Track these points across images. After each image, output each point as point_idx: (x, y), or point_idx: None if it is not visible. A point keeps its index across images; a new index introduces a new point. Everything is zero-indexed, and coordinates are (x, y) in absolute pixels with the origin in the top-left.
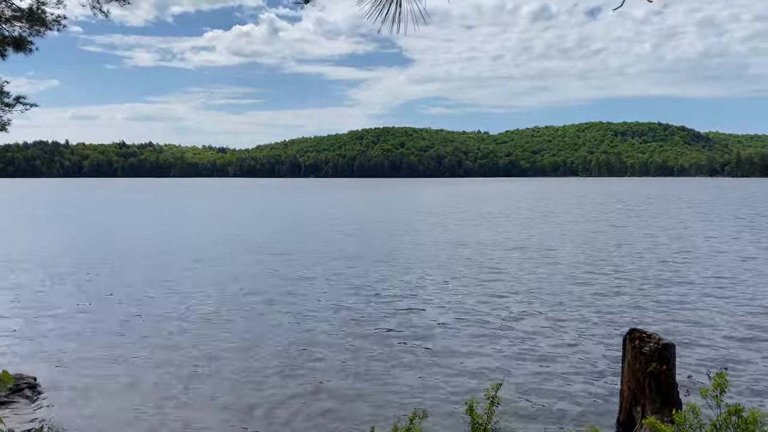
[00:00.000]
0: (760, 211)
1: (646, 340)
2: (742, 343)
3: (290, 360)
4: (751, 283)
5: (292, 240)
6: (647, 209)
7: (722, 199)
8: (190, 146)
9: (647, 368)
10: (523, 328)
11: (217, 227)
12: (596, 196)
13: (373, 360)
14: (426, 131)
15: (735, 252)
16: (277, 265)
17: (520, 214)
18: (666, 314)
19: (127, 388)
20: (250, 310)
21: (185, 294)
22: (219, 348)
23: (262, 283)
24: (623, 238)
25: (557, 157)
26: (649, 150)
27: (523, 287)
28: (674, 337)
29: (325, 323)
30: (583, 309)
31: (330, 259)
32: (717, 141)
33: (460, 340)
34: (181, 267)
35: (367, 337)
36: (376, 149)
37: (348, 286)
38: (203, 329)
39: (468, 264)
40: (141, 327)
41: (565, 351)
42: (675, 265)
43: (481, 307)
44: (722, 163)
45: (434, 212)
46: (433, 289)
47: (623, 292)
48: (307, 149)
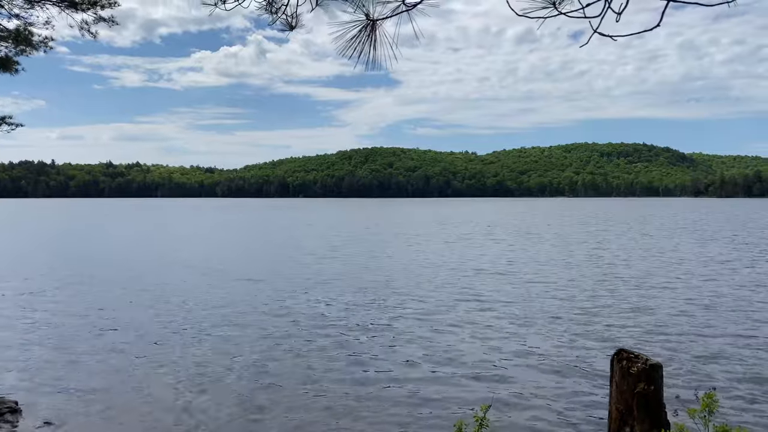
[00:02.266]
0: (748, 232)
1: (633, 361)
2: (729, 362)
3: (271, 387)
4: (739, 302)
5: (256, 263)
6: (634, 228)
7: (710, 219)
8: (177, 166)
9: (635, 389)
10: (510, 348)
11: (189, 250)
12: (584, 216)
13: (356, 383)
14: (414, 152)
15: (723, 272)
16: (235, 290)
17: (505, 234)
18: (654, 334)
19: (109, 412)
20: (215, 339)
21: (163, 314)
22: (201, 373)
23: (225, 309)
24: (610, 258)
25: (544, 177)
26: (634, 171)
27: (508, 308)
28: (662, 357)
29: (302, 344)
30: (570, 329)
31: (309, 281)
32: (700, 162)
33: (446, 362)
34: (143, 288)
35: (346, 361)
36: (365, 169)
37: (331, 307)
38: (180, 353)
39: (452, 285)
40: (121, 349)
41: (553, 372)
42: (662, 285)
43: (467, 329)
44: (706, 183)
45: (420, 232)
46: (416, 310)
47: (610, 313)
48: (295, 169)
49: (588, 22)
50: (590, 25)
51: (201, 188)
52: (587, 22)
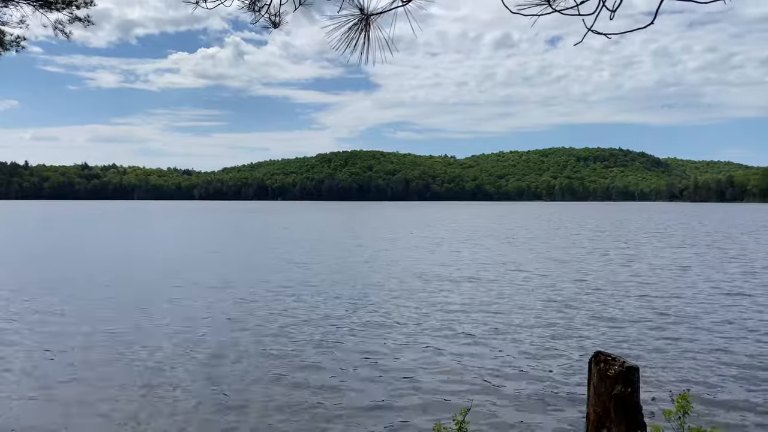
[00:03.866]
0: (722, 236)
1: (611, 363)
2: (703, 364)
3: (243, 385)
4: (713, 305)
5: (221, 268)
6: (613, 232)
7: (684, 224)
8: (154, 168)
9: (612, 391)
10: (488, 351)
11: (156, 251)
12: (564, 220)
13: (327, 393)
14: (394, 155)
15: (698, 276)
16: (192, 298)
17: (484, 237)
18: (630, 337)
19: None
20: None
21: (116, 320)
22: (178, 380)
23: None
24: (587, 262)
25: (522, 181)
26: (610, 175)
27: (486, 311)
28: (638, 360)
29: (278, 345)
30: (548, 332)
31: (278, 287)
32: (675, 167)
33: (423, 364)
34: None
35: (327, 357)
36: (344, 172)
37: (308, 309)
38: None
39: (425, 292)
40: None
41: (531, 375)
42: (639, 289)
43: (445, 332)
44: (681, 188)
45: (402, 236)
46: (394, 312)
47: (588, 315)
48: (274, 172)
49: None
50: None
51: (178, 190)
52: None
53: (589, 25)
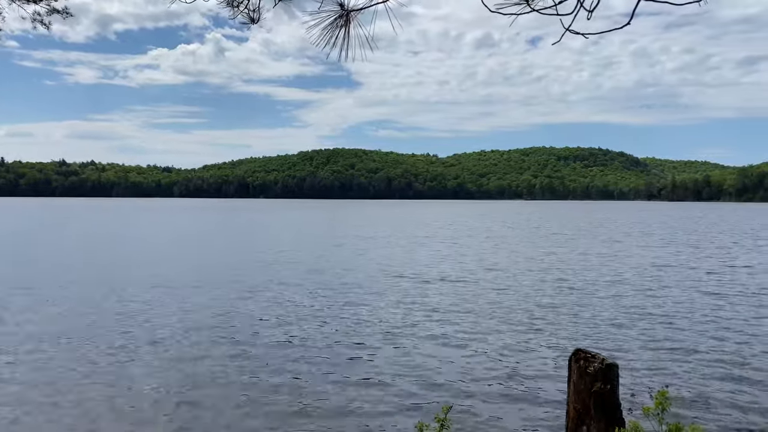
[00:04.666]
0: (699, 235)
1: (590, 360)
2: (682, 361)
3: (226, 385)
4: (692, 303)
5: (195, 269)
6: (592, 231)
7: (662, 223)
8: (133, 165)
9: (592, 388)
10: (469, 349)
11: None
12: (544, 219)
13: (317, 384)
14: (376, 153)
15: (676, 274)
16: (161, 299)
17: (465, 236)
18: (610, 334)
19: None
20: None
21: (83, 319)
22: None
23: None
24: (566, 260)
25: (503, 180)
26: (590, 174)
27: (467, 309)
28: (618, 357)
29: (252, 347)
30: (528, 330)
31: (255, 284)
32: (653, 166)
33: (405, 362)
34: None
35: (307, 361)
36: (327, 170)
37: (289, 307)
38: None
39: (409, 287)
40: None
41: (512, 373)
42: (618, 287)
43: (426, 329)
44: (659, 187)
45: (384, 234)
46: (372, 312)
47: (568, 313)
48: (255, 169)
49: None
50: (561, 23)
51: (158, 188)
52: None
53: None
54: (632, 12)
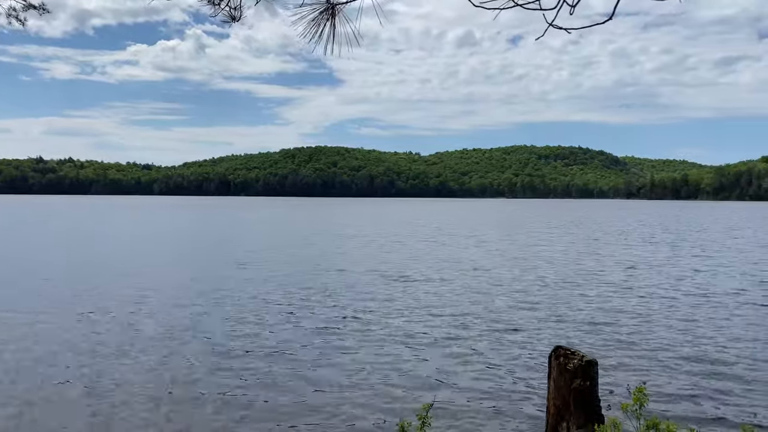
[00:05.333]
0: (676, 234)
1: (570, 357)
2: (660, 358)
3: (200, 384)
4: (670, 300)
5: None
6: (571, 229)
7: (641, 221)
8: (113, 162)
9: (572, 384)
10: (449, 347)
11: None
12: (525, 217)
13: (296, 383)
14: (358, 151)
15: (652, 270)
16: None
17: (445, 234)
18: (589, 331)
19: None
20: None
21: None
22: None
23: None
24: (547, 258)
25: (485, 178)
26: (570, 173)
27: (447, 307)
28: (597, 354)
29: (236, 347)
30: (508, 328)
31: (244, 279)
32: (632, 165)
33: (386, 360)
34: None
35: (285, 360)
36: (309, 168)
37: (264, 306)
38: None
39: (390, 283)
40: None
41: (493, 370)
42: (596, 284)
43: (406, 327)
44: (638, 186)
45: (364, 232)
46: (355, 307)
47: (548, 311)
48: (236, 167)
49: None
50: (544, 17)
51: (138, 185)
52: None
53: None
54: (614, 8)
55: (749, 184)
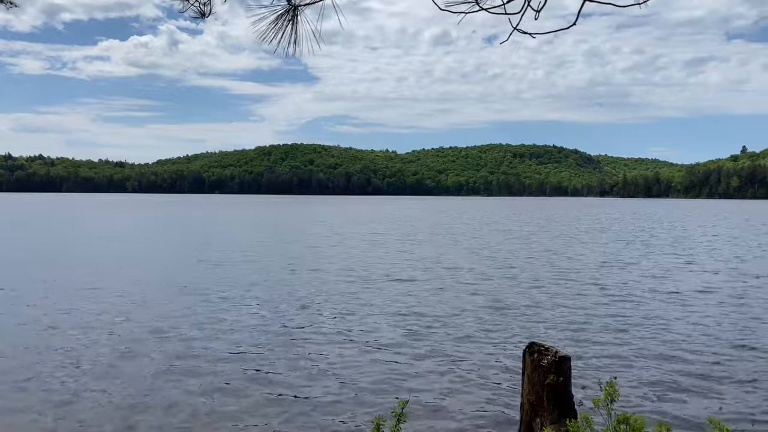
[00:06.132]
0: (648, 232)
1: (544, 353)
2: (630, 352)
3: (162, 389)
4: (641, 296)
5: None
6: (545, 227)
7: (613, 219)
8: (84, 160)
9: (545, 380)
10: (424, 342)
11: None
12: (500, 216)
13: (270, 382)
14: (335, 149)
15: (624, 267)
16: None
17: (420, 232)
18: (563, 328)
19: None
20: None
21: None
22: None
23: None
24: (520, 256)
25: (461, 176)
26: (545, 171)
27: (421, 304)
28: (571, 350)
29: (210, 347)
30: (482, 324)
31: (202, 285)
32: (606, 163)
33: (361, 357)
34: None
35: (258, 359)
36: (285, 166)
37: (233, 306)
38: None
39: (362, 283)
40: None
41: (467, 367)
42: (569, 281)
43: (380, 324)
44: (611, 184)
45: (341, 230)
46: (326, 307)
47: (522, 308)
48: (211, 164)
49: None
50: (509, 22)
51: (110, 183)
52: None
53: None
54: (578, 12)
55: (718, 183)
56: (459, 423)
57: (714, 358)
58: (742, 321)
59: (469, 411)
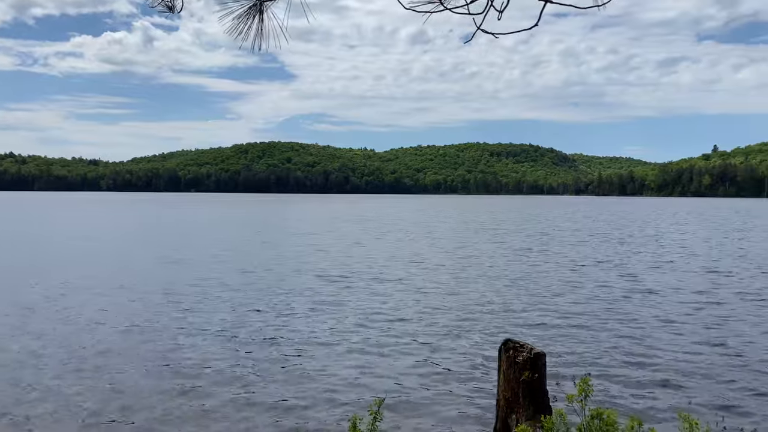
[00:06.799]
0: (624, 231)
1: (519, 350)
2: (604, 349)
3: (137, 388)
4: (614, 295)
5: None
6: (521, 225)
7: (589, 217)
8: (57, 158)
9: (521, 377)
10: (400, 341)
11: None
12: (478, 214)
13: (247, 379)
14: (313, 147)
15: (600, 266)
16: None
17: (397, 230)
18: (538, 325)
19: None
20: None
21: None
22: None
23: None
24: (495, 253)
25: (439, 175)
26: (521, 170)
27: (397, 302)
28: (546, 347)
29: (175, 347)
30: (459, 322)
31: (185, 283)
32: (581, 162)
33: (336, 357)
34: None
35: (234, 360)
36: (262, 164)
37: (205, 308)
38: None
39: (339, 281)
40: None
41: (444, 364)
42: (544, 279)
43: (356, 323)
44: (586, 182)
45: (307, 231)
46: (303, 305)
47: (498, 306)
48: (187, 163)
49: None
50: (474, 22)
51: (84, 181)
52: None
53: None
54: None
55: (690, 181)
56: (435, 420)
57: (684, 355)
58: (712, 318)
59: (445, 408)
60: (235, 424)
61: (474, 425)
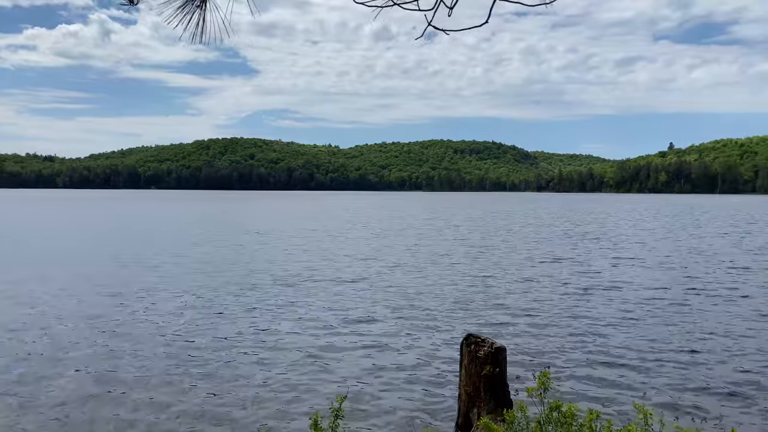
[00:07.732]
0: (582, 227)
1: (480, 345)
2: (563, 343)
3: (94, 396)
4: (572, 290)
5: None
6: (483, 222)
7: (548, 214)
8: (10, 154)
9: (482, 371)
10: (363, 337)
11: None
12: (441, 210)
13: (207, 377)
14: (277, 143)
15: (561, 262)
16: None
17: (360, 227)
18: (499, 320)
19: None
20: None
21: None
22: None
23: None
24: (458, 249)
25: (403, 172)
26: (484, 167)
27: (360, 297)
28: (507, 341)
29: (146, 349)
30: (421, 319)
31: (152, 278)
32: (542, 159)
33: (298, 352)
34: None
35: (195, 359)
36: (224, 160)
37: (167, 308)
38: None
39: (309, 275)
40: None
41: (406, 359)
42: (506, 275)
43: (316, 322)
44: (547, 179)
45: (279, 228)
46: (267, 300)
47: (459, 301)
48: (147, 159)
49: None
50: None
51: (39, 178)
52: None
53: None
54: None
55: (647, 178)
56: (398, 416)
57: (641, 349)
58: (669, 313)
59: (408, 403)
60: (196, 421)
61: (436, 420)
